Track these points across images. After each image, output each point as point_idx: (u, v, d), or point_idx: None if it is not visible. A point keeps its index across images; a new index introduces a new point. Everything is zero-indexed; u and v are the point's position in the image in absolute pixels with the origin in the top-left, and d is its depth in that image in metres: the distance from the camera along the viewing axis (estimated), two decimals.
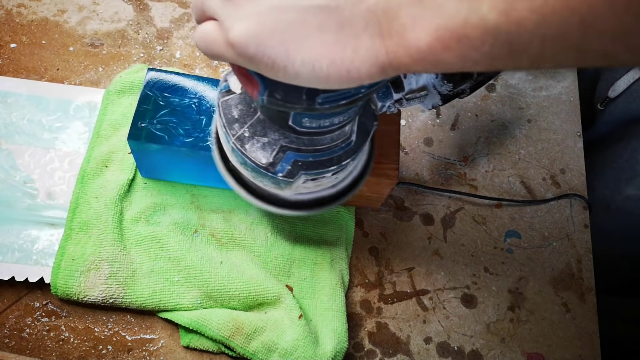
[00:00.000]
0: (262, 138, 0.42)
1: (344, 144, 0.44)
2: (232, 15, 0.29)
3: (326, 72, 0.28)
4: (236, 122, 0.43)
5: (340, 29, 0.28)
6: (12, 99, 0.65)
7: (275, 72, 0.29)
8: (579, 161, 0.73)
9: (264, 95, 0.34)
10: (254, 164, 0.43)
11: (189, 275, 0.57)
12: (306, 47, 0.28)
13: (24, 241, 0.58)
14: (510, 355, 0.61)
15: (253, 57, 0.29)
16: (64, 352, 0.55)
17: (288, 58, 0.28)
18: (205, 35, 0.31)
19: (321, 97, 0.34)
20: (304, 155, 0.42)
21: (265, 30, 0.28)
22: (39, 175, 0.62)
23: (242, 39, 0.29)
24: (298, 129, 0.40)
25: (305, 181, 0.44)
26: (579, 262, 0.67)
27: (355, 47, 0.28)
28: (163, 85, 0.56)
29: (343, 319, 0.58)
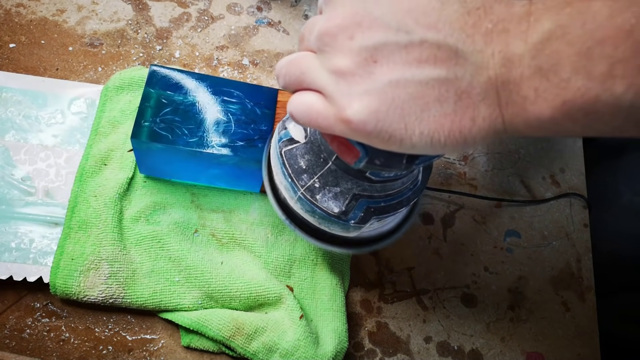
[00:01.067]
0: (334, 188, 0.42)
1: (412, 185, 0.44)
2: (346, 92, 0.29)
3: (444, 142, 0.29)
4: (304, 173, 0.42)
5: (459, 99, 0.28)
6: (8, 94, 0.64)
7: (389, 145, 0.29)
8: (578, 160, 0.73)
9: (362, 162, 0.34)
10: (324, 213, 0.43)
11: (189, 276, 0.57)
12: (425, 120, 0.28)
13: (22, 240, 0.58)
14: (510, 355, 0.61)
15: (370, 133, 0.29)
16: (64, 353, 0.55)
17: (406, 132, 0.28)
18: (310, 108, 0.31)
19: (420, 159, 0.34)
20: (377, 201, 0.42)
21: (384, 107, 0.28)
22: (36, 172, 0.61)
23: (361, 117, 0.28)
24: (374, 178, 0.40)
25: (372, 223, 0.44)
26: (579, 261, 0.67)
27: (473, 116, 0.28)
28: (165, 83, 0.55)
29: (343, 319, 0.58)
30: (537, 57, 0.26)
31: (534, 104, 0.26)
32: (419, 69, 0.28)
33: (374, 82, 0.28)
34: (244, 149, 0.54)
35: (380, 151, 0.32)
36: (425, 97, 0.28)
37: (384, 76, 0.28)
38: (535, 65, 0.26)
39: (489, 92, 0.27)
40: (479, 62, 0.27)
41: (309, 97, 0.31)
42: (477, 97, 0.28)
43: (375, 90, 0.28)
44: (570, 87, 0.25)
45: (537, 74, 0.26)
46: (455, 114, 0.28)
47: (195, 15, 0.75)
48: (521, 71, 0.26)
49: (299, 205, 0.44)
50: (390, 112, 0.28)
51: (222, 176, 0.59)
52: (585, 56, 0.24)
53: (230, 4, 0.76)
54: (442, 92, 0.28)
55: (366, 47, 0.28)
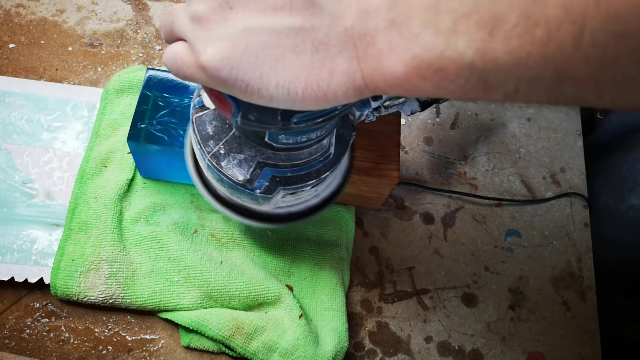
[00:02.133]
0: (238, 155, 0.41)
1: (323, 157, 0.43)
2: (203, 37, 0.29)
3: (301, 95, 0.28)
4: (211, 139, 0.42)
5: (315, 50, 0.27)
6: (10, 99, 0.64)
7: (248, 95, 0.29)
8: (579, 160, 0.73)
9: (238, 117, 0.33)
10: (230, 181, 0.42)
11: (189, 276, 0.57)
12: (280, 70, 0.27)
13: (24, 241, 0.58)
14: (511, 354, 0.61)
15: (226, 81, 0.28)
16: (64, 353, 0.55)
17: (262, 81, 0.28)
18: (175, 57, 0.30)
19: (297, 117, 0.33)
20: (282, 171, 0.42)
21: (237, 54, 0.27)
22: (37, 175, 0.61)
23: (214, 63, 0.28)
24: (275, 145, 0.39)
25: (285, 196, 0.43)
26: (579, 260, 0.67)
27: (331, 69, 0.27)
28: (162, 86, 0.56)
29: (343, 319, 0.58)
30: (391, 9, 0.25)
31: (389, 58, 0.26)
32: (274, 16, 0.27)
33: (228, 28, 0.28)
34: None
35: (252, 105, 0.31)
36: (281, 46, 0.27)
37: (239, 23, 0.28)
38: (390, 18, 0.25)
39: (347, 44, 0.27)
40: (336, 12, 0.27)
41: (176, 47, 0.31)
42: (334, 49, 0.27)
43: (229, 36, 0.28)
44: (420, 41, 0.25)
45: (391, 27, 0.25)
46: (313, 65, 0.27)
47: None
48: (376, 23, 0.26)
49: (210, 173, 0.44)
50: (244, 60, 0.27)
51: None
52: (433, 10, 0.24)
53: None
54: (298, 42, 0.27)
55: None
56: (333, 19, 0.27)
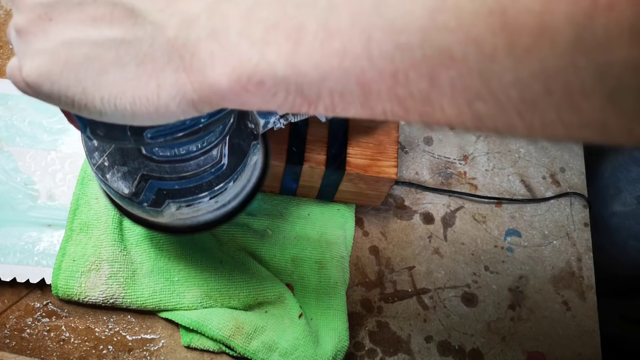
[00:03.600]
0: (122, 167, 0.39)
1: (214, 169, 0.41)
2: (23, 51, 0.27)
3: (130, 109, 0.26)
4: (96, 151, 0.40)
5: (141, 63, 0.25)
6: (13, 102, 0.65)
7: (77, 110, 0.27)
8: (578, 159, 0.73)
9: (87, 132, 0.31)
10: (117, 193, 0.40)
11: (189, 275, 0.57)
12: (104, 85, 0.26)
13: (25, 242, 0.58)
14: (511, 354, 0.61)
15: (50, 96, 0.27)
16: (64, 353, 0.55)
17: (86, 97, 0.26)
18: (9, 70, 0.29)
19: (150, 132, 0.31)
20: (169, 183, 0.40)
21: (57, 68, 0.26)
22: (39, 177, 0.62)
23: (33, 78, 0.26)
24: (155, 157, 0.37)
25: (179, 208, 0.41)
26: (579, 260, 0.67)
27: (159, 82, 0.25)
28: None
29: (344, 318, 0.58)
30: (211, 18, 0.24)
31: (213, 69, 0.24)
32: (95, 28, 0.26)
33: (47, 41, 0.26)
34: None
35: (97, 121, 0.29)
36: (102, 59, 0.25)
37: (59, 35, 0.26)
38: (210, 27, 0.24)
39: (172, 55, 0.25)
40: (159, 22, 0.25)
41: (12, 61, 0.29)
42: (160, 60, 0.25)
43: (48, 50, 0.26)
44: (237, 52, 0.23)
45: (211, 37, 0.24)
46: (139, 79, 0.25)
47: None
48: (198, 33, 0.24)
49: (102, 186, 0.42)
50: (65, 75, 0.26)
51: None
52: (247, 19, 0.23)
53: None
54: (120, 54, 0.25)
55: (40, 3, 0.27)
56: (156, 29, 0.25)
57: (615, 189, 0.72)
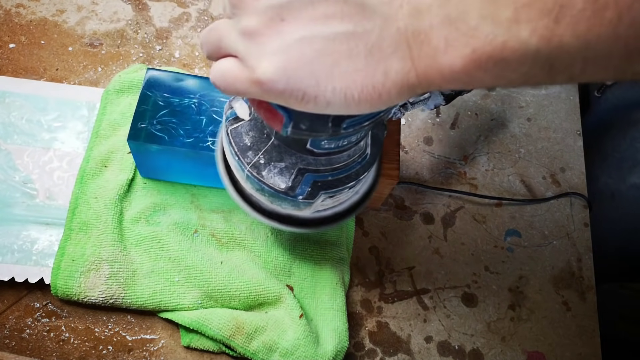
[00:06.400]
0: (279, 163, 0.42)
1: (360, 159, 0.43)
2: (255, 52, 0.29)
3: (357, 98, 0.28)
4: (249, 150, 0.42)
5: (369, 53, 0.27)
6: (10, 99, 0.64)
7: (305, 104, 0.29)
8: (578, 160, 0.73)
9: (289, 127, 0.34)
10: (272, 189, 0.42)
11: (189, 276, 0.57)
12: (337, 76, 0.28)
13: (24, 242, 0.58)
14: (511, 354, 0.61)
15: (282, 92, 0.29)
16: (64, 353, 0.55)
17: (319, 89, 0.28)
18: (226, 73, 0.31)
19: (346, 122, 0.33)
20: (323, 175, 0.42)
21: (293, 64, 0.28)
22: (38, 175, 0.61)
23: (270, 76, 0.28)
24: (316, 151, 0.39)
25: (325, 199, 0.44)
26: (579, 260, 0.67)
27: (385, 70, 0.27)
28: (163, 86, 0.56)
29: (344, 318, 0.58)
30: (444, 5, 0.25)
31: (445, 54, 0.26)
32: (326, 24, 0.27)
33: (282, 40, 0.28)
34: None
35: (304, 114, 0.31)
36: (335, 53, 0.27)
37: (292, 34, 0.28)
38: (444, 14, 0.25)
39: (400, 44, 0.27)
40: (387, 14, 0.27)
41: (226, 63, 0.31)
42: (387, 50, 0.27)
43: (283, 48, 0.28)
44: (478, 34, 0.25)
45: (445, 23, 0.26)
46: (367, 68, 0.28)
47: (195, 15, 0.75)
48: (430, 21, 0.26)
49: (249, 184, 0.44)
50: (300, 69, 0.28)
51: None
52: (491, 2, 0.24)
53: None
54: (351, 46, 0.27)
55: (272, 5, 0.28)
56: (385, 21, 0.27)
57: (633, 160, 0.72)
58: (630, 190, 0.73)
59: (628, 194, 0.73)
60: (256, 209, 0.48)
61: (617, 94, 0.75)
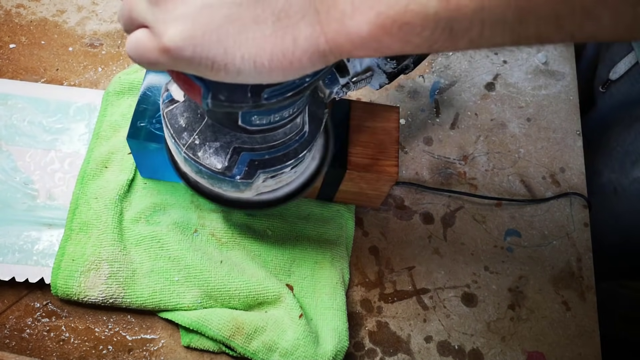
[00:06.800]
0: (214, 143, 0.41)
1: (298, 137, 0.43)
2: (162, 19, 0.28)
3: (268, 65, 0.28)
4: (184, 131, 0.41)
5: (277, 20, 0.27)
6: (12, 101, 0.65)
7: (216, 72, 0.28)
8: (578, 160, 0.73)
9: (208, 99, 0.33)
10: (209, 170, 0.41)
11: (189, 275, 0.57)
12: (244, 43, 0.27)
13: (25, 242, 0.58)
14: (511, 354, 0.61)
15: (191, 60, 0.28)
16: (64, 353, 0.55)
17: (227, 56, 0.28)
18: (137, 44, 0.30)
19: (266, 92, 0.33)
20: (260, 153, 0.41)
21: (199, 31, 0.27)
22: (39, 176, 0.62)
23: (176, 43, 0.28)
24: (249, 128, 0.39)
25: (265, 180, 0.43)
26: (579, 260, 0.67)
27: (294, 37, 0.27)
28: (162, 85, 0.56)
29: (344, 318, 0.58)
30: None
31: (352, 18, 0.26)
32: None
33: (187, 6, 0.27)
34: None
35: (221, 84, 0.31)
36: (242, 19, 0.27)
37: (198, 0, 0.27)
38: None
39: (308, 10, 0.27)
40: None
41: (137, 33, 0.30)
42: (295, 16, 0.27)
43: (189, 14, 0.27)
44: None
45: None
46: (275, 35, 0.27)
47: None
48: None
49: (188, 167, 0.43)
50: (207, 36, 0.27)
51: None
52: None
53: None
54: (258, 12, 0.27)
55: None
56: None
57: (637, 154, 0.72)
58: (633, 184, 0.73)
59: (631, 187, 0.73)
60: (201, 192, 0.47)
61: (621, 89, 0.75)
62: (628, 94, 0.74)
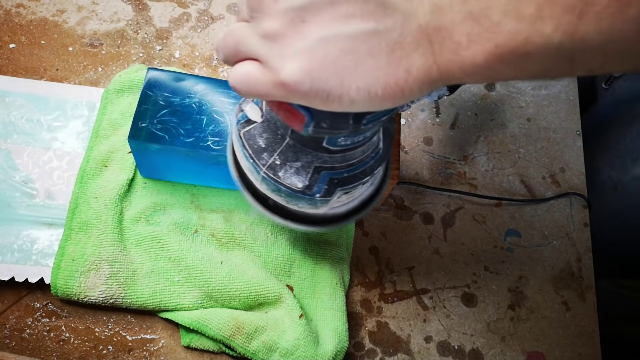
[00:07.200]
0: (295, 163, 0.42)
1: (374, 154, 0.44)
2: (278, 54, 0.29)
3: (381, 95, 0.29)
4: (264, 152, 0.42)
5: (391, 50, 0.28)
6: (10, 99, 0.64)
7: (330, 103, 0.29)
8: (578, 160, 0.73)
9: (310, 127, 0.34)
10: (289, 189, 0.42)
11: (189, 275, 0.57)
12: (360, 74, 0.28)
13: (24, 241, 0.58)
14: (511, 354, 0.61)
15: (307, 93, 0.29)
16: (64, 353, 0.55)
17: (342, 88, 0.28)
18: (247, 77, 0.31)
19: (367, 118, 0.34)
20: (339, 172, 0.42)
21: (317, 65, 0.28)
22: (38, 175, 0.61)
23: (295, 78, 0.28)
24: (332, 148, 0.40)
25: (340, 196, 0.44)
26: (579, 260, 0.67)
27: (407, 67, 0.28)
28: (163, 85, 0.56)
29: (344, 318, 0.58)
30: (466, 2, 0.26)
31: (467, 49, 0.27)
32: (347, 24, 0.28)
33: (304, 41, 0.28)
34: None
35: (325, 113, 0.32)
36: (357, 51, 0.28)
37: (314, 35, 0.28)
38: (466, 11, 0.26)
39: (421, 40, 0.27)
40: (408, 11, 0.27)
41: (246, 66, 0.31)
42: (409, 46, 0.28)
43: (306, 49, 0.28)
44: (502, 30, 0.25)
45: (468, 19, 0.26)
46: (389, 66, 0.28)
47: (195, 15, 0.75)
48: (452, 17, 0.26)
49: (265, 185, 0.44)
50: (324, 70, 0.28)
51: (220, 176, 0.59)
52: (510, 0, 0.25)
53: (230, 4, 0.76)
54: (373, 44, 0.28)
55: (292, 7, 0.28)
56: (406, 18, 0.27)
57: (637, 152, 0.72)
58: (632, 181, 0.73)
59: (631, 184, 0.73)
60: (271, 209, 0.48)
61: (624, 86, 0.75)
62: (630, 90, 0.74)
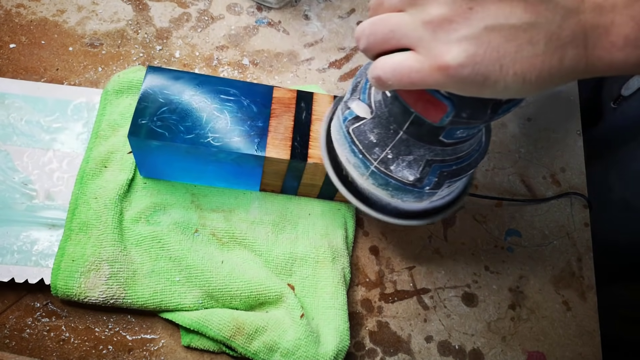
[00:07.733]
0: (407, 157, 0.43)
1: (478, 147, 0.45)
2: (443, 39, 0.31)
3: (535, 81, 0.31)
4: (376, 147, 0.43)
5: (548, 41, 0.30)
6: (9, 100, 0.64)
7: (483, 89, 0.31)
8: (579, 159, 0.73)
9: (450, 117, 0.35)
10: (399, 182, 0.43)
11: (190, 275, 0.57)
12: (519, 61, 0.30)
13: (24, 242, 0.58)
14: (511, 354, 0.61)
15: (466, 78, 0.31)
16: (64, 353, 0.55)
17: (501, 73, 0.30)
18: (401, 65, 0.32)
19: (503, 107, 0.35)
20: (448, 165, 0.43)
21: (482, 51, 0.30)
22: (37, 176, 0.61)
23: (459, 61, 0.30)
24: (447, 141, 0.41)
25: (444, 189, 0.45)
26: (580, 260, 0.67)
27: (560, 57, 0.30)
28: (163, 83, 0.56)
29: (345, 318, 0.58)
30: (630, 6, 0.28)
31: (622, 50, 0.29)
32: (511, 14, 0.30)
33: (470, 27, 0.30)
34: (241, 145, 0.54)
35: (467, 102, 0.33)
36: (519, 40, 0.30)
37: (480, 22, 0.30)
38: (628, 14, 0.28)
39: (577, 34, 0.30)
40: (570, 7, 0.30)
41: (398, 56, 0.33)
42: (566, 39, 0.30)
43: (472, 35, 0.30)
44: None
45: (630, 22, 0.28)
46: (545, 54, 0.30)
47: (195, 15, 0.75)
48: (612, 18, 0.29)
49: (371, 180, 0.45)
50: (487, 55, 0.30)
51: (221, 175, 0.59)
52: None
53: (230, 4, 0.76)
54: (533, 34, 0.30)
55: None
56: (567, 12, 0.29)
57: None
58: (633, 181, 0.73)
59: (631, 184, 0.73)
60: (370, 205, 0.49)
61: (634, 105, 0.75)
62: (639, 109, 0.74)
